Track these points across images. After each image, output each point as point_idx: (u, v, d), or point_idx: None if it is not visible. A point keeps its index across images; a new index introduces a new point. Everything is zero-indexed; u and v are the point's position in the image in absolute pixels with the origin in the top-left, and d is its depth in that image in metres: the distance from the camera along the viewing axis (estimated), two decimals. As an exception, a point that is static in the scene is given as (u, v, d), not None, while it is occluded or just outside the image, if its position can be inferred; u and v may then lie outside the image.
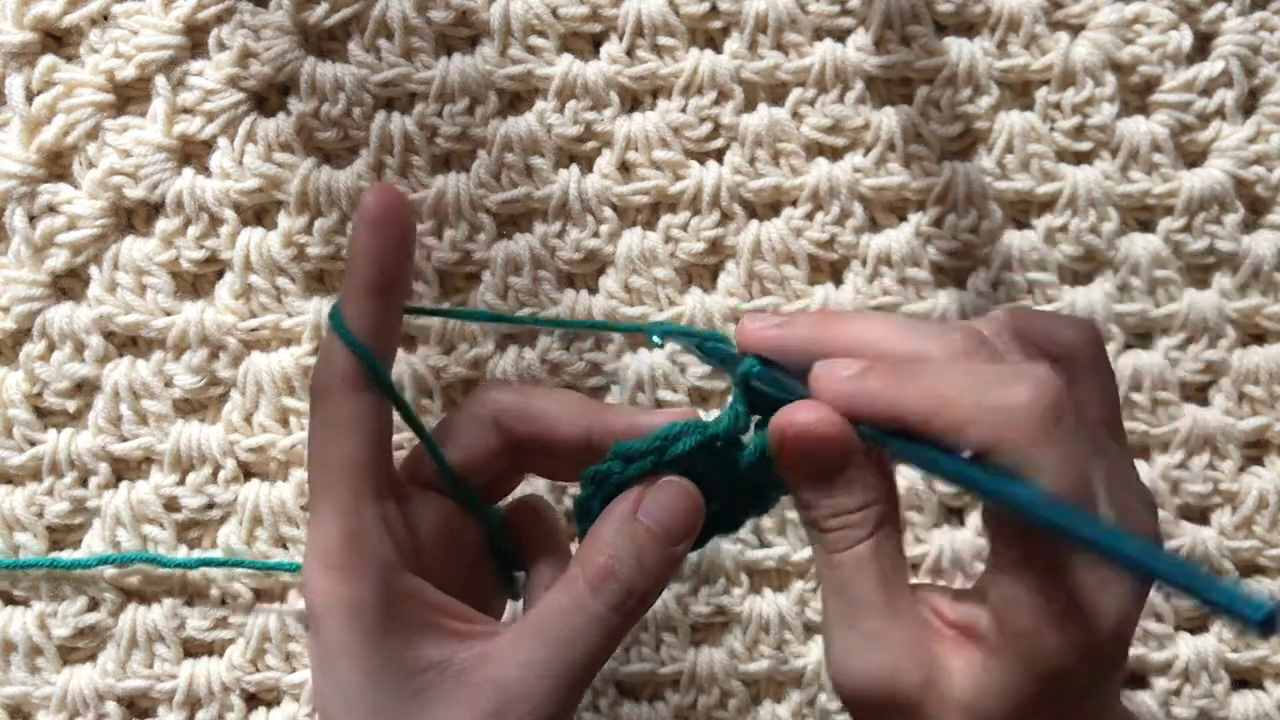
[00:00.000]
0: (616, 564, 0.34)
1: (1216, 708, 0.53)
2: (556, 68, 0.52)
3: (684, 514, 0.35)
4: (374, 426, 0.35)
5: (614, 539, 0.35)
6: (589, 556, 0.35)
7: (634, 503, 0.35)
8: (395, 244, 0.35)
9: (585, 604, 0.34)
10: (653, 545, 0.35)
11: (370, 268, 0.35)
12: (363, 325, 0.35)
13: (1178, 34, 0.53)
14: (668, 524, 0.35)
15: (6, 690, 0.51)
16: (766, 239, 0.52)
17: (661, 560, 0.35)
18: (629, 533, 0.35)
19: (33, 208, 0.51)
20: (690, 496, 0.35)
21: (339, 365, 0.35)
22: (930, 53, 0.53)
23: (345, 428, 0.35)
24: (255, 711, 0.52)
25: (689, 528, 0.35)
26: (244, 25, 0.51)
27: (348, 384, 0.35)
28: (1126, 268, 0.53)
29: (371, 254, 0.35)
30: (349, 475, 0.35)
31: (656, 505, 0.35)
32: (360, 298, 0.35)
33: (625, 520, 0.35)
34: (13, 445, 0.51)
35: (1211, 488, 0.54)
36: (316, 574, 0.34)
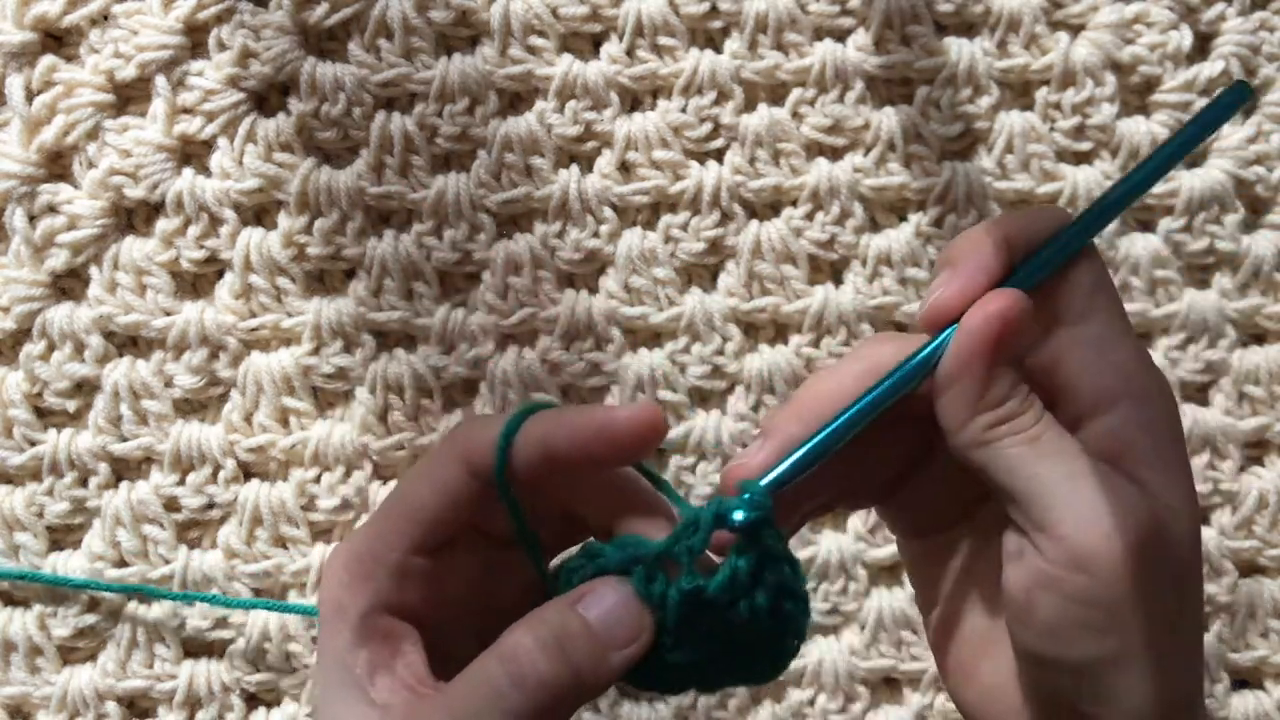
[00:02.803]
0: (538, 652, 0.32)
1: (1216, 708, 0.53)
2: (556, 68, 0.52)
3: (627, 619, 0.33)
4: (460, 504, 0.35)
5: (545, 624, 0.33)
6: (516, 635, 0.33)
7: (577, 595, 0.33)
8: (615, 462, 0.34)
9: (494, 685, 0.32)
10: (585, 642, 0.32)
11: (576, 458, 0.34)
12: (524, 465, 0.34)
13: (1178, 34, 0.53)
14: (607, 624, 0.33)
15: (6, 690, 0.51)
16: (766, 239, 0.52)
17: (590, 659, 0.32)
18: (562, 622, 0.33)
19: (33, 208, 0.51)
20: (636, 604, 0.33)
21: (479, 445, 0.34)
22: (930, 53, 0.53)
23: (437, 486, 0.35)
24: (255, 711, 0.52)
25: (628, 636, 0.33)
26: (244, 25, 0.51)
27: (471, 462, 0.34)
28: (1126, 268, 0.53)
29: (593, 455, 0.34)
30: (409, 518, 0.35)
31: (598, 603, 0.33)
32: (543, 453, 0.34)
33: (563, 609, 0.33)
34: (13, 445, 0.51)
35: (1211, 488, 0.54)
36: (335, 563, 0.35)
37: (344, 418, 0.52)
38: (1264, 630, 0.54)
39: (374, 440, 0.52)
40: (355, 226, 0.51)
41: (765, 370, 0.52)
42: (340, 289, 0.52)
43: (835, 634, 0.53)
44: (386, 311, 0.52)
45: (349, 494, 0.51)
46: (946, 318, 0.34)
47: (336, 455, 0.51)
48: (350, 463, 0.52)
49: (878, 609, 0.52)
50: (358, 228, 0.51)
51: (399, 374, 0.51)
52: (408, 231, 0.52)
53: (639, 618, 0.33)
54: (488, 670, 0.32)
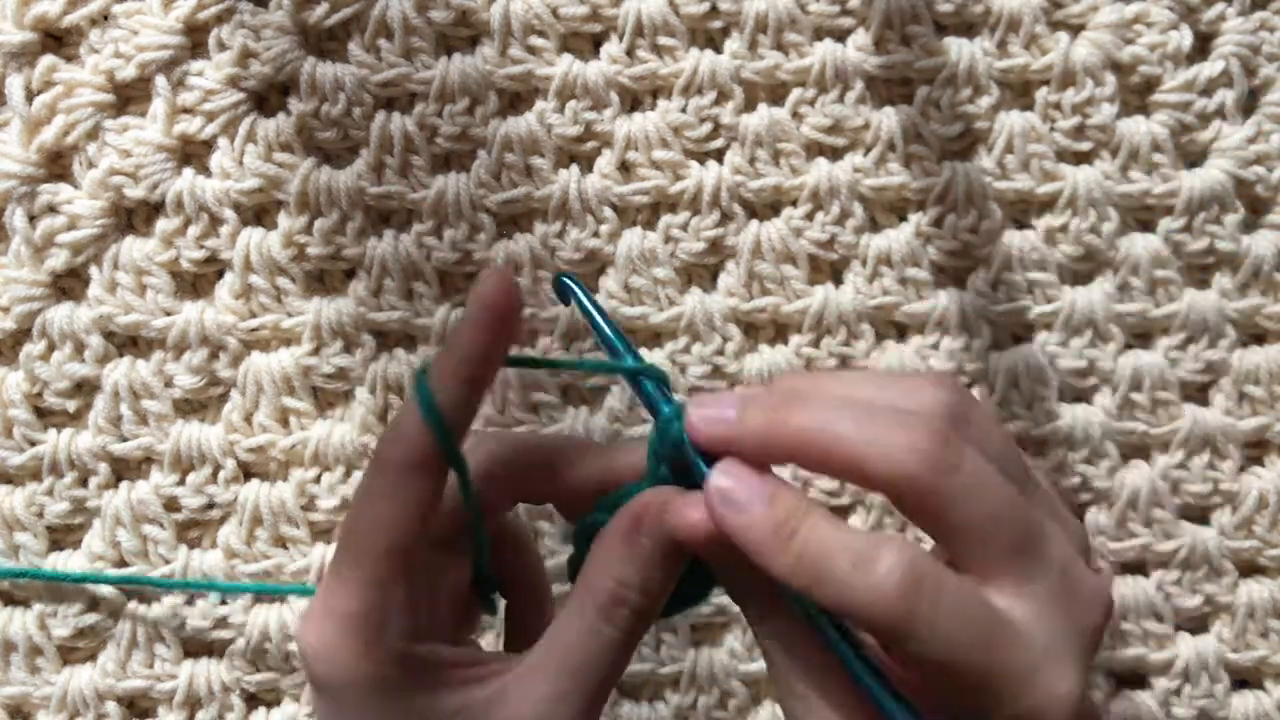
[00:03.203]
0: (624, 589, 0.34)
1: (1216, 708, 0.53)
2: (556, 68, 0.52)
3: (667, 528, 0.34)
4: (424, 512, 0.34)
5: (617, 564, 0.34)
6: (595, 583, 0.34)
7: (630, 523, 0.34)
8: (504, 338, 0.34)
9: (598, 631, 0.34)
10: (655, 564, 0.34)
11: (474, 361, 0.33)
12: (450, 410, 0.33)
13: (1178, 34, 0.53)
14: (667, 540, 0.34)
15: (6, 690, 0.51)
16: (766, 239, 0.52)
17: (665, 577, 0.34)
18: (631, 555, 0.34)
19: (33, 208, 0.51)
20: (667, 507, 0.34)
21: (413, 443, 0.33)
22: (930, 53, 0.53)
23: (398, 506, 0.34)
24: (255, 711, 0.52)
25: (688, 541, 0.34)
26: (244, 25, 0.51)
27: (414, 465, 0.33)
28: (1126, 268, 0.53)
29: (480, 346, 0.33)
30: (386, 552, 0.34)
31: (653, 523, 0.34)
32: (455, 384, 0.33)
33: (625, 543, 0.34)
34: (13, 445, 0.51)
35: (1211, 488, 0.54)
36: (335, 642, 0.34)
37: (344, 418, 0.52)
38: (1264, 630, 0.54)
39: (374, 440, 0.52)
40: (355, 226, 0.51)
41: (765, 370, 0.52)
42: (340, 289, 0.52)
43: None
44: (386, 311, 0.52)
45: (349, 494, 0.51)
46: None
47: (336, 455, 0.51)
48: (350, 463, 0.52)
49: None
50: (358, 228, 0.51)
51: (399, 374, 0.51)
52: (408, 231, 0.52)
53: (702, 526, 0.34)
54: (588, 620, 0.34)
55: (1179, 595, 0.54)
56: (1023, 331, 0.54)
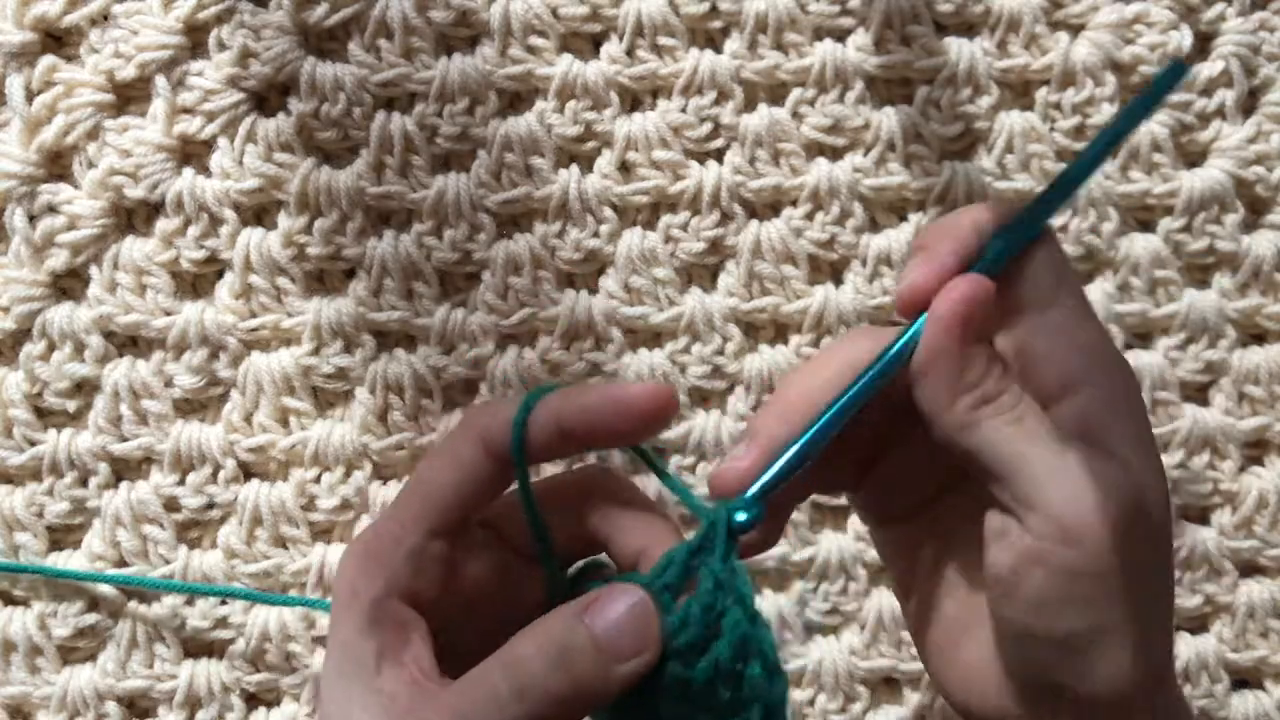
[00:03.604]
0: (539, 662, 0.32)
1: (1216, 708, 0.53)
2: (556, 68, 0.52)
3: (634, 630, 0.32)
4: (477, 484, 0.35)
5: (548, 634, 0.33)
6: (520, 645, 0.33)
7: (585, 603, 0.33)
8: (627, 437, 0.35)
9: (495, 693, 0.32)
10: (589, 655, 0.32)
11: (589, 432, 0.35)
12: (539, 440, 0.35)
13: (1178, 34, 0.53)
14: (612, 636, 0.32)
15: (6, 690, 0.51)
16: (766, 239, 0.52)
17: (592, 673, 0.32)
18: (567, 632, 0.32)
19: (33, 208, 0.51)
20: (644, 613, 0.33)
21: (490, 427, 0.35)
22: (930, 53, 0.53)
23: (454, 466, 0.35)
24: (255, 711, 0.52)
25: (635, 647, 0.32)
26: (244, 25, 0.51)
27: (487, 440, 0.35)
28: (1126, 268, 0.53)
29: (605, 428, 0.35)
30: (427, 499, 0.35)
31: (604, 612, 0.32)
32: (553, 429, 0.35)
33: (568, 618, 0.33)
34: (13, 445, 0.51)
35: (1211, 488, 0.54)
36: (351, 551, 0.36)
37: (344, 418, 0.52)
38: (1264, 630, 0.54)
39: (374, 440, 0.52)
40: (355, 226, 0.51)
41: (765, 370, 0.52)
42: (340, 289, 0.52)
43: (835, 634, 0.53)
44: (386, 311, 0.52)
45: (349, 494, 0.51)
46: (920, 300, 0.34)
47: (336, 455, 0.51)
48: (350, 463, 0.52)
49: (878, 609, 0.52)
50: (358, 228, 0.51)
51: (399, 374, 0.51)
52: (408, 231, 0.52)
53: (647, 628, 0.33)
54: (491, 677, 0.32)
55: (1179, 595, 0.54)
56: (1023, 331, 0.54)
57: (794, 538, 0.52)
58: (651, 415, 0.34)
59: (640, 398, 0.34)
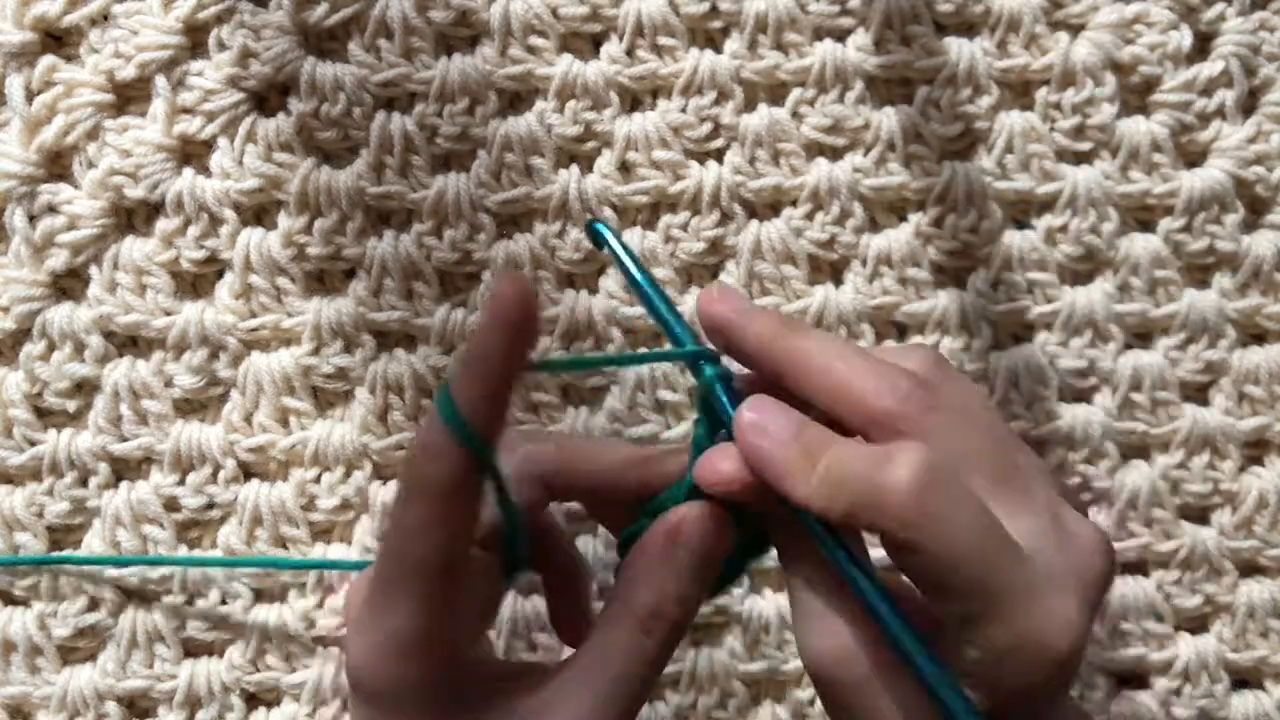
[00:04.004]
0: (664, 603, 0.34)
1: (1216, 708, 0.53)
2: (556, 68, 0.52)
3: (716, 535, 0.35)
4: (465, 529, 0.33)
5: (657, 577, 0.35)
6: (636, 597, 0.35)
7: (667, 536, 0.35)
8: (525, 343, 0.32)
9: (638, 644, 0.34)
10: (692, 577, 0.35)
11: (498, 370, 0.32)
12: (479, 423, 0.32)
13: (1178, 34, 0.53)
14: (704, 552, 0.35)
15: (6, 690, 0.51)
16: (766, 239, 0.52)
17: (701, 589, 0.35)
18: (669, 569, 0.35)
19: (33, 208, 0.51)
20: (718, 516, 0.35)
21: (451, 462, 0.32)
22: (930, 53, 0.53)
23: (443, 532, 0.33)
24: (255, 711, 0.52)
25: (723, 548, 0.35)
26: (244, 25, 0.51)
27: (457, 485, 0.32)
28: (1126, 268, 0.53)
29: (501, 354, 0.32)
30: (432, 575, 0.33)
31: (690, 536, 0.35)
32: (481, 397, 0.32)
33: (663, 557, 0.35)
34: (13, 445, 0.51)
35: (1211, 488, 0.54)
36: (389, 661, 0.34)
37: (344, 418, 0.52)
38: (1264, 630, 0.54)
39: (374, 440, 0.52)
40: (355, 226, 0.51)
41: (765, 370, 0.52)
42: (340, 289, 0.52)
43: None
44: (386, 311, 0.52)
45: (349, 494, 0.51)
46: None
47: (336, 455, 0.51)
48: (350, 463, 0.52)
49: (878, 609, 0.52)
50: (358, 228, 0.51)
51: (399, 374, 0.51)
52: (408, 231, 0.52)
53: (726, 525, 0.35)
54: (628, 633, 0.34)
55: (1179, 595, 0.54)
56: (1023, 331, 0.54)
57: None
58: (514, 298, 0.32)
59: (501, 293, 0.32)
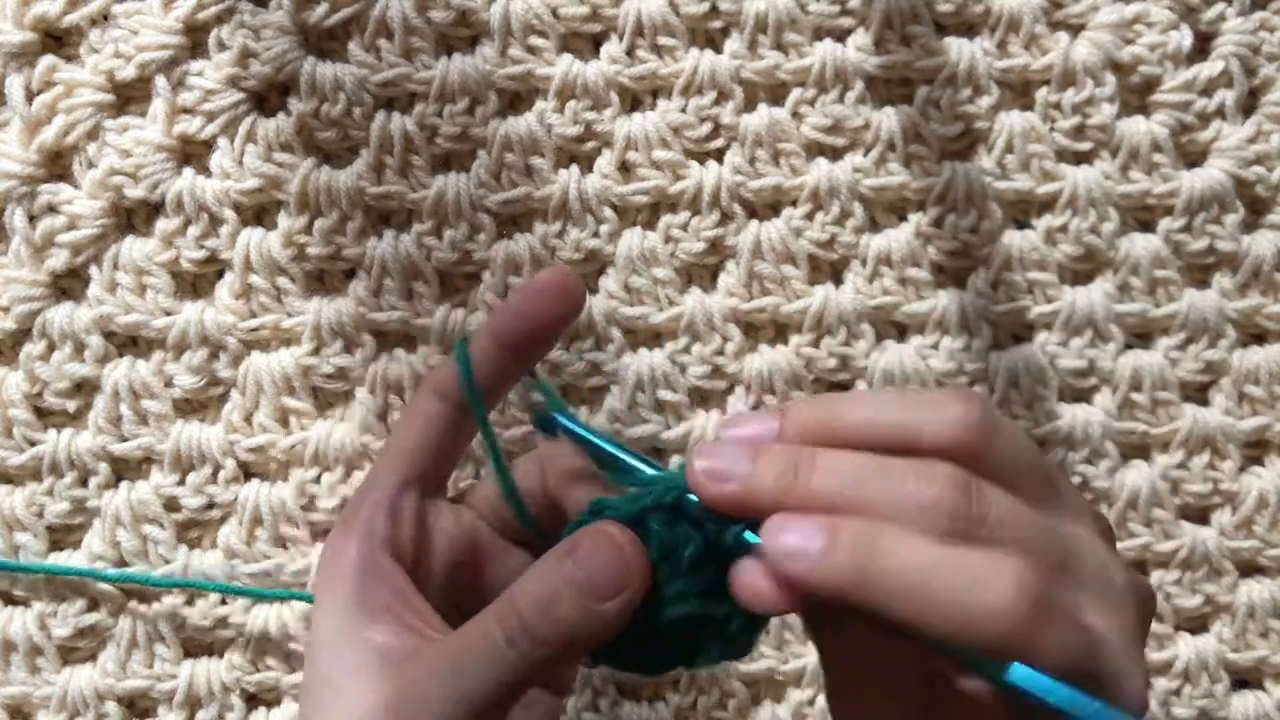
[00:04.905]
0: (528, 609, 0.33)
1: (1216, 708, 0.53)
2: (556, 68, 0.52)
3: (612, 567, 0.32)
4: (438, 431, 0.40)
5: (535, 582, 0.33)
6: (510, 593, 0.34)
7: (572, 544, 0.33)
8: (553, 320, 0.39)
9: (491, 639, 0.33)
10: (572, 595, 0.32)
11: (518, 327, 0.39)
12: (484, 369, 0.39)
13: (1178, 34, 0.53)
14: (593, 575, 0.32)
15: (6, 690, 0.51)
16: (766, 239, 0.52)
17: (578, 612, 0.32)
18: (551, 577, 0.33)
19: (33, 208, 0.51)
20: (621, 550, 0.32)
21: (442, 377, 0.40)
22: (930, 53, 0.53)
23: (416, 418, 0.40)
24: (255, 711, 0.52)
25: (617, 584, 0.32)
26: (244, 25, 0.51)
27: (439, 391, 0.40)
28: (1126, 268, 0.53)
29: (528, 316, 0.39)
30: (396, 454, 0.40)
31: (586, 553, 0.33)
32: (493, 347, 0.39)
33: (552, 563, 0.33)
34: (13, 445, 0.51)
35: (1211, 488, 0.54)
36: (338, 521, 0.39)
37: (344, 418, 0.52)
38: (1264, 630, 0.54)
39: (374, 440, 0.52)
40: (355, 226, 0.51)
41: (765, 370, 0.52)
42: (340, 289, 0.52)
43: (835, 634, 0.53)
44: (386, 311, 0.52)
45: (349, 494, 0.51)
46: None
47: (336, 455, 0.51)
48: (350, 463, 0.52)
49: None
50: (358, 228, 0.51)
51: (399, 374, 0.51)
52: (408, 231, 0.52)
53: (633, 563, 0.33)
54: (486, 626, 0.34)
55: (1179, 595, 0.54)
56: (1023, 331, 0.54)
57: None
58: (561, 287, 0.38)
59: (547, 278, 0.39)
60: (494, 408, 0.38)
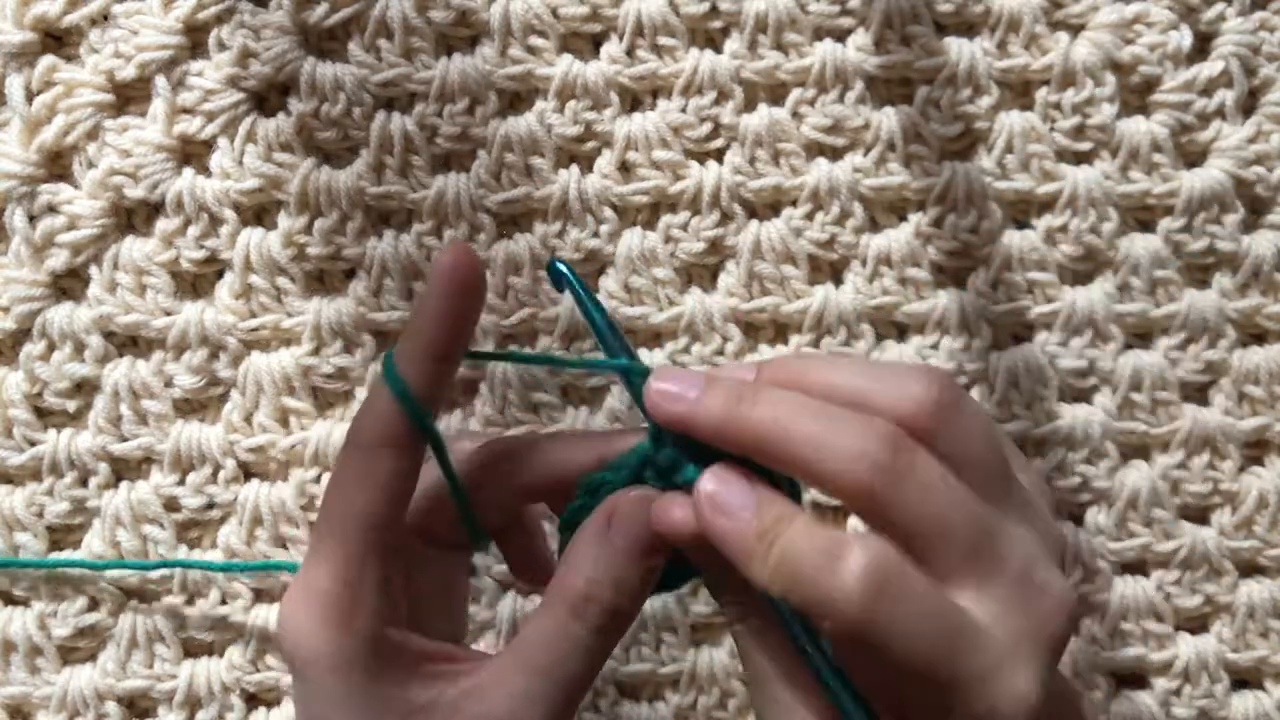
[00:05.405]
0: (594, 587, 0.34)
1: (1216, 708, 0.53)
2: (556, 68, 0.52)
3: (650, 527, 0.34)
4: (400, 488, 0.35)
5: (589, 562, 0.34)
6: (567, 581, 0.34)
7: (603, 521, 0.34)
8: (468, 310, 0.35)
9: (568, 630, 0.34)
10: (627, 563, 0.34)
11: (439, 332, 0.34)
12: (419, 385, 0.34)
13: (1178, 34, 0.53)
14: (639, 538, 0.34)
15: (6, 690, 0.51)
16: (766, 239, 0.52)
17: (637, 576, 0.34)
18: (602, 553, 0.34)
19: (33, 208, 0.51)
20: (648, 510, 0.34)
21: (384, 420, 0.34)
22: (930, 53, 0.53)
23: (373, 484, 0.34)
24: (255, 711, 0.52)
25: (659, 536, 0.34)
26: (244, 25, 0.51)
27: (388, 441, 0.34)
28: (1126, 268, 0.53)
29: (442, 318, 0.34)
30: (362, 530, 0.34)
31: (624, 521, 0.34)
32: (421, 359, 0.34)
33: (597, 541, 0.34)
34: (13, 445, 0.51)
35: (1211, 488, 0.54)
36: (309, 621, 0.34)
37: (344, 418, 0.52)
38: (1264, 630, 0.54)
39: (374, 440, 0.52)
40: (355, 226, 0.51)
41: (765, 370, 0.52)
42: (340, 289, 0.52)
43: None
44: (386, 311, 0.52)
45: (349, 494, 0.51)
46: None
47: (336, 455, 0.51)
48: (350, 463, 0.52)
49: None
50: (358, 228, 0.51)
51: (399, 374, 0.51)
52: (408, 231, 0.52)
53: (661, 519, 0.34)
54: (557, 619, 0.34)
55: (1179, 595, 0.54)
56: (1023, 331, 0.54)
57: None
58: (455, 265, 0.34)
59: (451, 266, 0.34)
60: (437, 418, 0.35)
